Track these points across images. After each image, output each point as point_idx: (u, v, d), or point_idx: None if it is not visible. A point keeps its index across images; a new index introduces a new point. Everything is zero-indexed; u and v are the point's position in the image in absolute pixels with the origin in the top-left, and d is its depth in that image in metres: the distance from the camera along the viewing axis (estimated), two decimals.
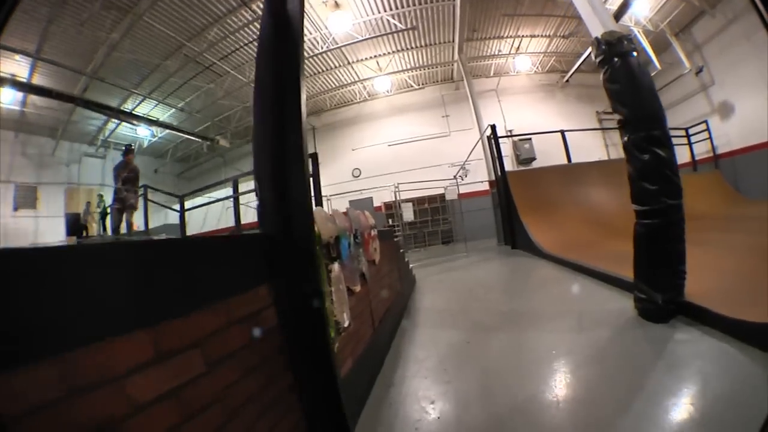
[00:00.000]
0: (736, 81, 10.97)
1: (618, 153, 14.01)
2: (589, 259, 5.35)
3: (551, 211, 8.17)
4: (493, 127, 9.72)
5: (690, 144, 11.94)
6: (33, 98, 10.98)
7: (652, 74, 13.01)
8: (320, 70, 13.65)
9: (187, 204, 8.98)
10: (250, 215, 12.15)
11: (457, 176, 11.40)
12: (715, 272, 3.63)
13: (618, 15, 10.37)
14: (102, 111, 11.56)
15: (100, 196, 12.14)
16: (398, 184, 10.05)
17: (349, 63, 13.43)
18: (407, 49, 13.31)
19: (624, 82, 3.35)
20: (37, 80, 10.32)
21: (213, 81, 12.51)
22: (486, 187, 12.66)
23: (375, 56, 13.43)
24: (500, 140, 9.70)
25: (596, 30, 3.69)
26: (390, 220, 14.10)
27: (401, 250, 5.88)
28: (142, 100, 12.38)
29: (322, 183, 15.55)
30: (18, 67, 9.83)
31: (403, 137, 15.60)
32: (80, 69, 10.28)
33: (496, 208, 10.60)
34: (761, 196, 9.07)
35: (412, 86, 15.59)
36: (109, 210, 10.18)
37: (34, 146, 12.44)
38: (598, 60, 3.50)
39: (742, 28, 10.43)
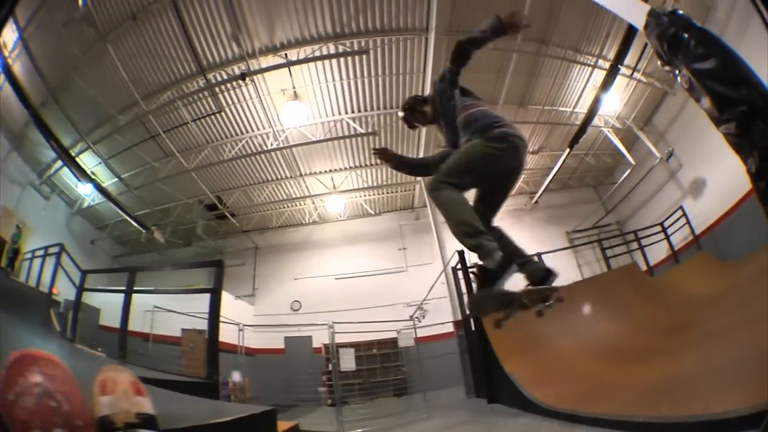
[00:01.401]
0: (703, 151, 10.77)
1: (592, 272, 13.15)
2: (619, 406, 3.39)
3: (542, 350, 6.14)
4: (461, 254, 8.18)
5: (667, 237, 11.35)
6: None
7: (628, 172, 12.99)
8: (270, 179, 12.53)
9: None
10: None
11: (414, 317, 9.37)
12: None
13: (590, 115, 10.08)
14: (50, 139, 9.38)
15: (18, 229, 10.05)
16: (333, 323, 7.61)
17: (300, 174, 12.44)
18: (366, 166, 12.51)
19: (719, 52, 1.92)
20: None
21: (158, 160, 11.16)
22: (450, 328, 10.70)
23: (330, 170, 12.52)
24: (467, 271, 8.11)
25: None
26: (329, 366, 11.26)
27: None
28: (87, 148, 10.52)
29: (255, 312, 13.24)
30: None
31: (354, 270, 13.86)
32: (46, 75, 8.66)
33: (464, 353, 8.49)
34: (748, 251, 8.48)
35: (368, 212, 14.48)
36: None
37: None
38: (659, 40, 2.15)
39: None
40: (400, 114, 3.07)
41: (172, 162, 11.11)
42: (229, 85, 9.30)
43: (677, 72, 2.34)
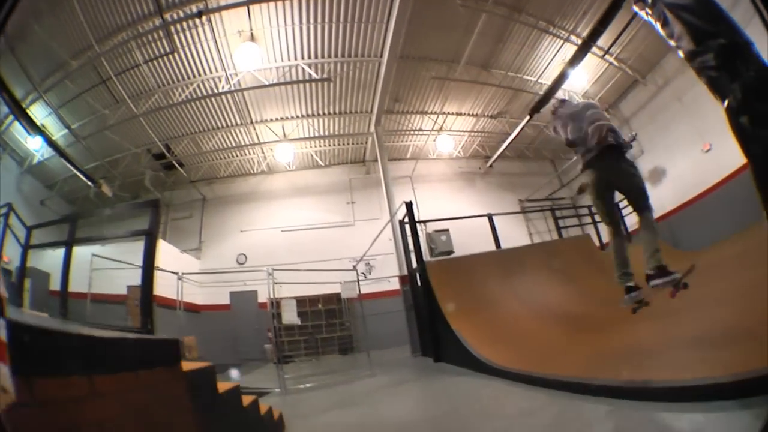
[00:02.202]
0: (666, 143, 11.23)
1: (542, 240, 13.33)
2: (575, 370, 3.26)
3: (489, 310, 6.05)
4: (409, 206, 7.82)
5: (622, 217, 11.55)
6: None
7: None
8: (219, 126, 11.73)
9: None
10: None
11: (356, 266, 8.92)
12: None
13: (554, 87, 9.92)
14: (2, 91, 8.58)
15: None
16: (273, 269, 7.11)
17: (251, 122, 11.69)
18: (319, 115, 11.89)
19: None
20: None
21: (108, 107, 10.37)
22: (396, 286, 10.55)
23: (281, 119, 11.81)
24: (415, 224, 7.78)
25: None
26: (276, 321, 10.88)
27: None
28: (38, 98, 9.67)
29: (201, 266, 12.47)
30: None
31: (300, 223, 13.31)
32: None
33: (410, 309, 8.33)
34: (699, 245, 8.97)
35: (317, 164, 13.87)
36: None
37: None
38: None
39: (673, 91, 10.96)
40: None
41: (122, 108, 10.39)
42: (185, 24, 8.60)
43: (649, 10, 2.26)
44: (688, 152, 10.64)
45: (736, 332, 2.79)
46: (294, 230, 13.20)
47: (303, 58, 9.77)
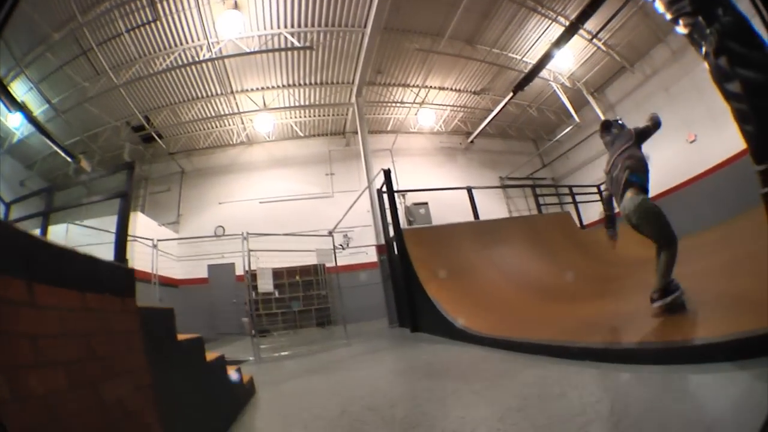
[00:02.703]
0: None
1: None
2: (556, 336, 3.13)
3: (467, 279, 5.97)
4: (387, 173, 7.61)
5: (602, 199, 11.66)
6: None
7: (570, 127, 13.16)
8: (200, 95, 11.47)
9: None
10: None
11: (332, 232, 8.72)
12: None
13: (539, 66, 9.84)
14: None
15: None
16: (248, 233, 6.87)
17: (232, 92, 11.43)
18: (300, 85, 11.61)
19: None
20: None
21: (88, 79, 10.13)
22: (373, 258, 10.42)
23: (262, 88, 11.53)
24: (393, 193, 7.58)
25: None
26: (254, 293, 10.63)
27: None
28: (19, 73, 9.42)
29: (179, 235, 12.14)
30: None
31: (279, 194, 13.02)
32: None
33: (387, 280, 8.22)
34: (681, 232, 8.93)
35: (297, 134, 13.52)
36: None
37: None
38: None
39: (661, 81, 11.11)
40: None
41: (102, 80, 10.14)
42: None
43: None
44: (672, 141, 10.67)
45: (724, 300, 2.75)
46: (272, 201, 12.94)
47: (286, 27, 9.52)
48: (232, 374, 3.16)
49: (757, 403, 1.45)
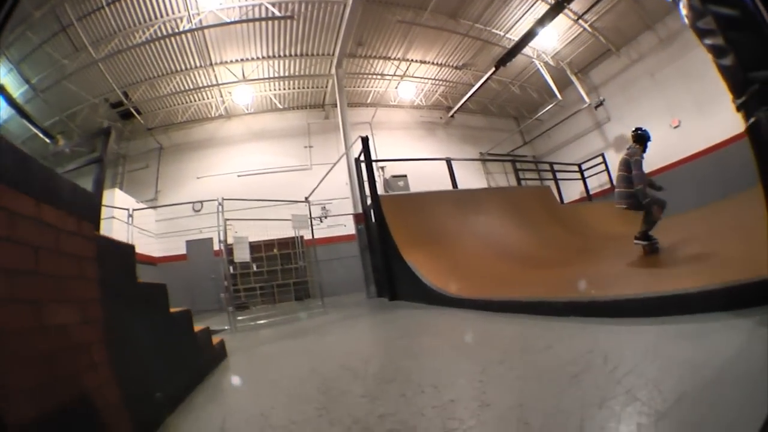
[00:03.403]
0: (634, 114, 11.24)
1: None
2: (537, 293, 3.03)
3: (444, 245, 5.84)
4: (365, 141, 7.34)
5: (584, 178, 11.95)
6: None
7: (552, 104, 13.02)
8: (179, 69, 11.02)
9: None
10: None
11: (308, 198, 8.44)
12: None
13: (522, 42, 9.70)
14: None
15: None
16: (223, 198, 6.67)
17: (211, 64, 11.00)
18: (280, 56, 11.19)
19: None
20: None
21: (67, 56, 9.75)
22: (351, 231, 10.18)
23: (241, 60, 11.11)
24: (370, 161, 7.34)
25: None
26: (232, 268, 10.30)
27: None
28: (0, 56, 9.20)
29: (158, 216, 11.63)
30: None
31: (257, 167, 12.67)
32: None
33: (365, 250, 8.02)
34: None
35: (276, 106, 13.09)
36: None
37: None
38: None
39: (647, 66, 11.11)
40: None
41: (81, 56, 9.79)
42: None
43: None
44: (656, 126, 10.51)
45: (708, 258, 2.68)
46: (250, 174, 12.59)
47: None
48: (200, 334, 2.95)
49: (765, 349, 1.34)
